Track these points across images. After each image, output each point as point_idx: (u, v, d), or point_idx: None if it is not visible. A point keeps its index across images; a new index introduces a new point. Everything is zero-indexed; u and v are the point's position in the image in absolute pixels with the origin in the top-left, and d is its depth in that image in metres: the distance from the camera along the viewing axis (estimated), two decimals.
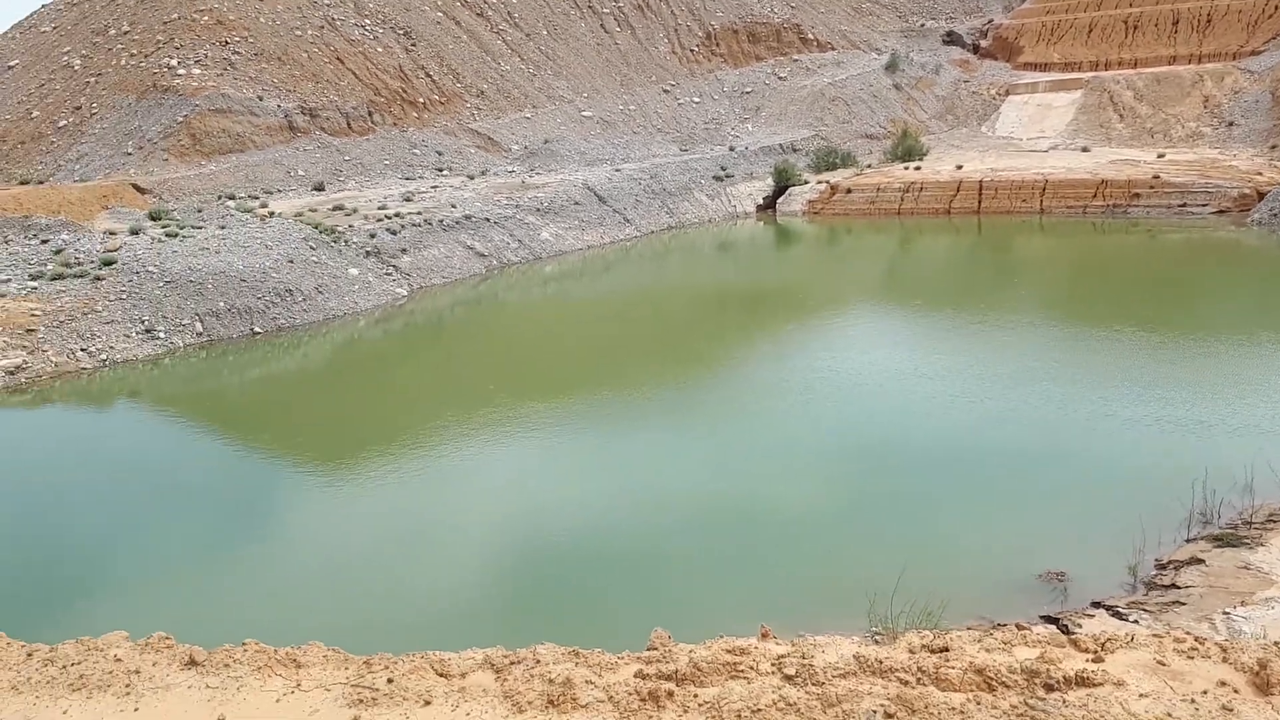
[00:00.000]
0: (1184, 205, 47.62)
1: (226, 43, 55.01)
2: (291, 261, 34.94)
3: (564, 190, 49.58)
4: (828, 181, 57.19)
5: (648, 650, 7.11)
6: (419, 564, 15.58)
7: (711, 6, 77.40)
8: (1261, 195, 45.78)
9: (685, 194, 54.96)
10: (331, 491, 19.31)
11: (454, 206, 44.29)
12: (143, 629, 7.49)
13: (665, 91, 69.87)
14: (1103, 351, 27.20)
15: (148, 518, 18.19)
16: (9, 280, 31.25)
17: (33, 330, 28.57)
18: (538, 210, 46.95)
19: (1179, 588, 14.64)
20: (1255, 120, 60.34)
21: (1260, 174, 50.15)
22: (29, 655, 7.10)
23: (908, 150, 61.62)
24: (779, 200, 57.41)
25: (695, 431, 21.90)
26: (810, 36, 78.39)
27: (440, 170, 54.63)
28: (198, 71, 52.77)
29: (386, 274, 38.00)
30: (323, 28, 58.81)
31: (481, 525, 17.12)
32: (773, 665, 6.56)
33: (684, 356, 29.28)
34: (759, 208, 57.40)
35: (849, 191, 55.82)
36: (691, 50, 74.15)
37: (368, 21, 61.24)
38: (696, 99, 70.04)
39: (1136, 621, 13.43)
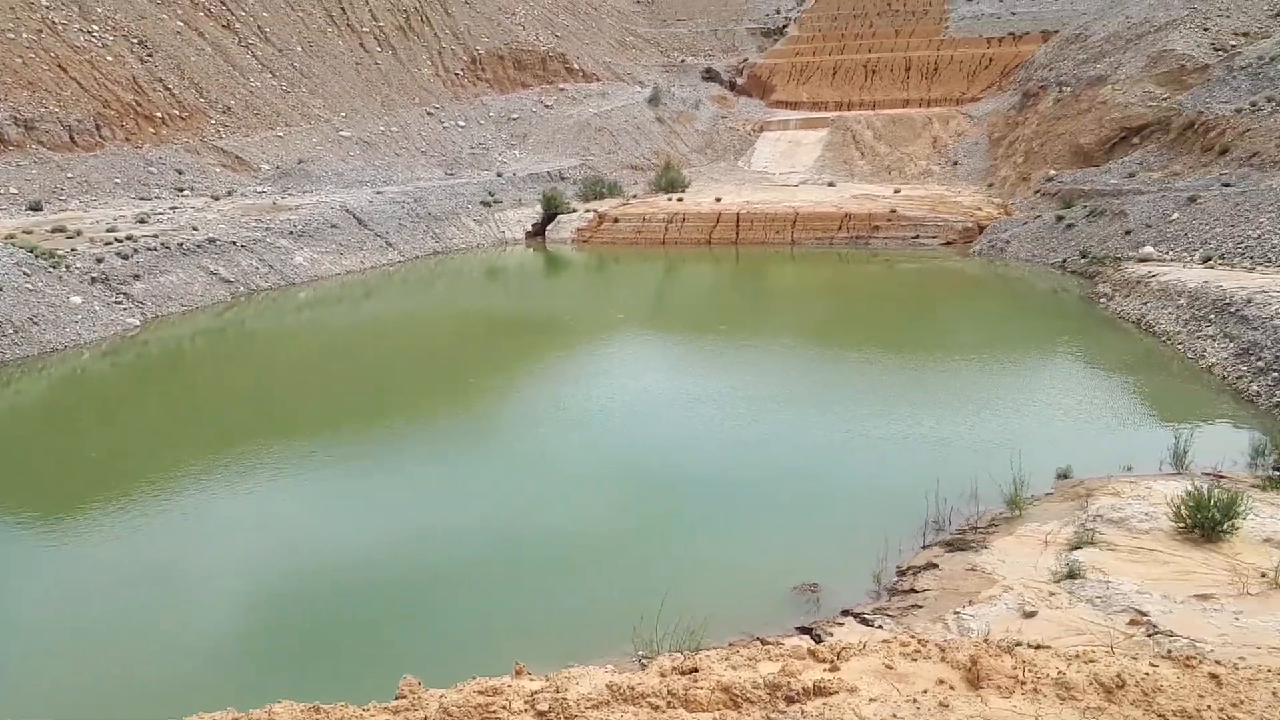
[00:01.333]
0: (917, 237, 52.01)
1: None
2: (0, 289, 31.02)
3: (320, 212, 47.25)
4: (595, 210, 57.99)
5: (396, 699, 6.65)
6: (138, 626, 13.95)
7: (476, 31, 76.92)
8: (982, 229, 50.80)
9: (452, 219, 53.92)
10: (51, 547, 17.05)
11: (196, 229, 41.06)
12: None
13: (429, 114, 68.47)
14: (850, 373, 29.00)
15: None
16: None
17: None
18: (291, 233, 44.42)
19: (917, 591, 15.58)
20: (975, 160, 67.09)
21: (980, 209, 55.72)
22: None
23: (670, 182, 63.76)
24: (548, 227, 57.57)
25: (458, 464, 21.21)
26: (576, 67, 79.57)
27: (181, 190, 50.60)
28: None
29: (116, 302, 34.54)
30: (41, 31, 53.15)
31: (222, 575, 15.65)
32: (525, 703, 6.24)
33: (449, 386, 28.43)
34: (528, 234, 57.29)
35: (616, 221, 56.85)
36: (456, 74, 73.23)
37: (95, 28, 55.99)
38: (462, 123, 69.15)
39: (880, 626, 14.12)
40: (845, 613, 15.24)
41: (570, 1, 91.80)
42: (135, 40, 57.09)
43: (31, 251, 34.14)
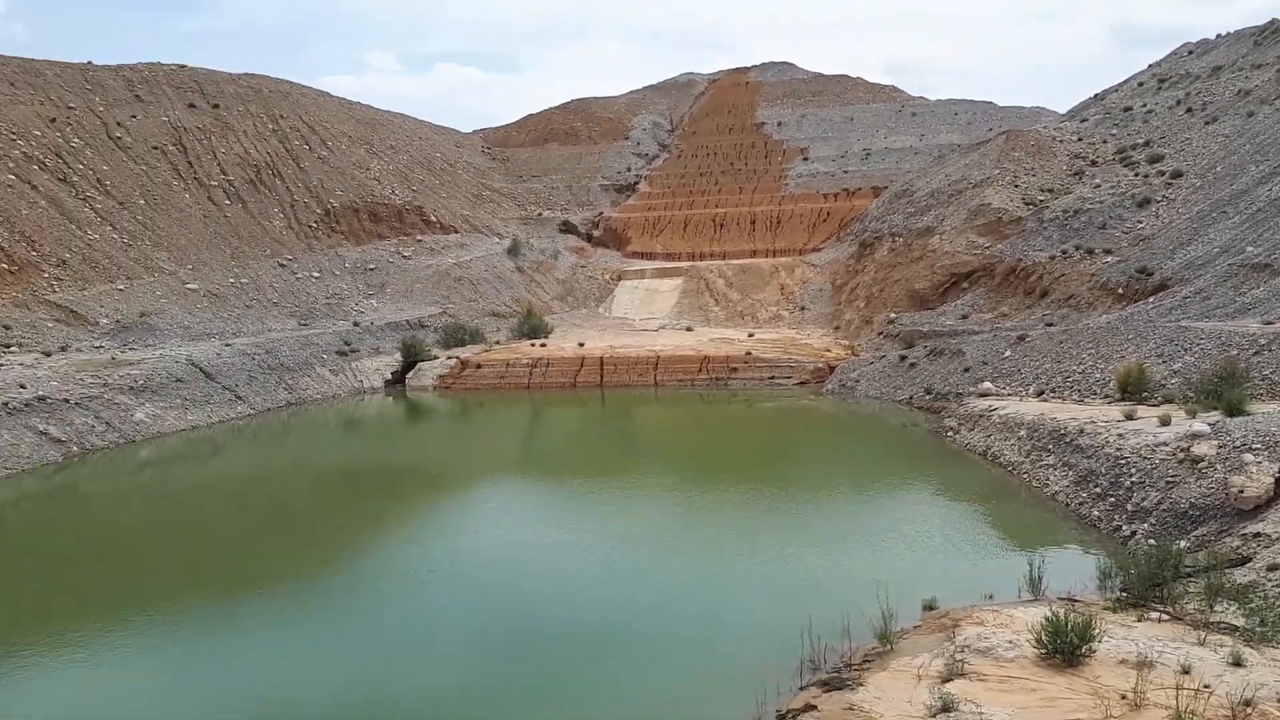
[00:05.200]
0: (773, 378, 53.80)
1: None
2: None
3: (163, 366, 45.06)
4: (458, 357, 57.64)
5: None
6: None
7: (330, 185, 77.07)
8: (832, 368, 53.08)
9: (306, 369, 52.39)
10: None
11: (24, 387, 38.35)
12: None
13: (281, 265, 67.31)
14: (718, 511, 29.10)
15: None
16: None
17: None
18: (131, 389, 42.04)
19: None
20: (821, 305, 70.68)
21: (829, 350, 58.36)
22: None
23: (533, 328, 64.37)
24: (409, 375, 56.70)
25: (311, 631, 19.79)
26: (434, 219, 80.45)
27: (8, 346, 47.42)
28: None
29: None
30: None
31: None
32: None
33: (306, 547, 26.81)
34: (388, 382, 56.21)
35: (479, 367, 56.58)
36: (310, 226, 72.71)
37: None
38: (316, 274, 68.22)
39: None
40: None
41: (426, 158, 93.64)
42: None
43: None
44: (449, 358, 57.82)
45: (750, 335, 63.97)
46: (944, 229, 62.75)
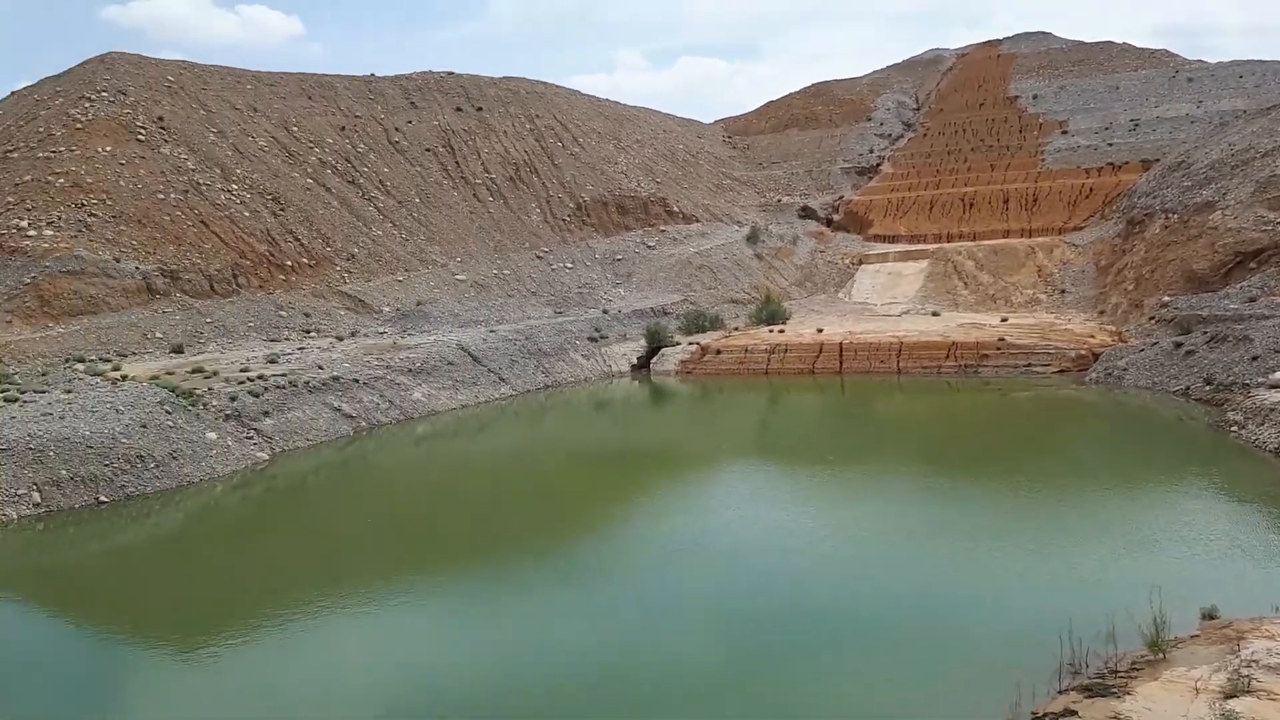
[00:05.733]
0: (1029, 365, 50.98)
1: (83, 205, 53.61)
2: (144, 426, 33.11)
3: (437, 350, 49.31)
4: (698, 343, 58.93)
5: None
6: None
7: (581, 180, 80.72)
8: (1096, 356, 49.52)
9: (560, 354, 55.50)
10: (184, 672, 17.68)
11: (321, 368, 43.29)
12: None
13: (539, 257, 71.54)
14: (970, 505, 28.20)
15: None
16: None
17: None
18: (409, 370, 46.37)
19: None
20: (1083, 288, 66.00)
21: (1093, 336, 54.47)
22: None
23: (771, 314, 64.54)
24: (653, 360, 58.61)
25: (569, 597, 21.26)
26: (676, 210, 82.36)
27: (308, 332, 53.64)
28: (50, 233, 51.02)
29: (247, 437, 36.39)
30: (187, 192, 58.19)
31: (343, 709, 15.90)
32: None
33: (564, 517, 28.73)
34: (633, 367, 58.40)
35: (719, 352, 57.56)
36: (563, 219, 76.68)
37: (235, 187, 61.01)
38: (569, 264, 71.90)
39: None
40: None
41: (669, 150, 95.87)
42: (269, 197, 61.87)
43: (173, 391, 36.47)
44: (690, 343, 59.21)
45: (1003, 320, 60.82)
46: (1227, 203, 56.72)
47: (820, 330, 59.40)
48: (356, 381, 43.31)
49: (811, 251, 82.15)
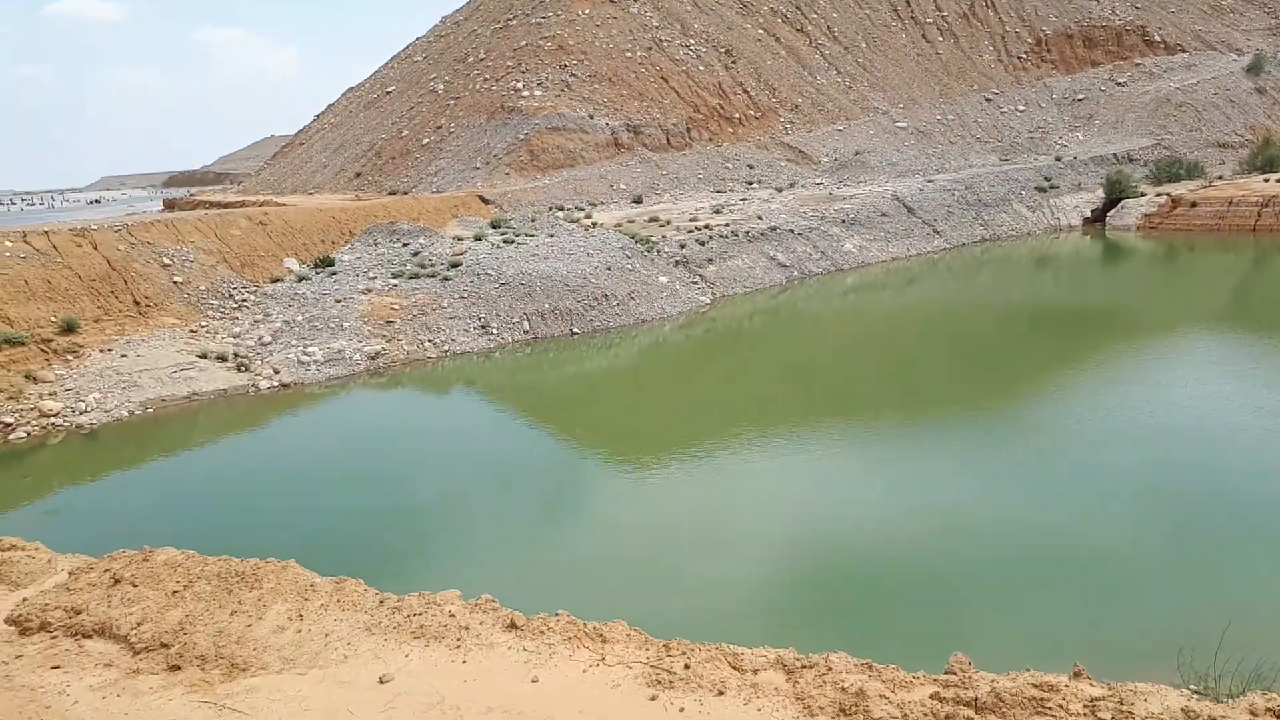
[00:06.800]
0: None
1: (565, 66, 59.62)
2: (609, 269, 37.30)
3: (871, 202, 48.89)
4: (1168, 194, 51.96)
5: (945, 674, 6.85)
6: (713, 561, 16.18)
7: (1044, 11, 72.82)
8: None
9: (1002, 205, 52.20)
10: (633, 484, 20.49)
11: (760, 218, 45.12)
12: (471, 590, 8.32)
13: (987, 100, 66.69)
14: None
15: (477, 492, 20.33)
16: (375, 278, 36.00)
17: (391, 322, 32.77)
18: (843, 222, 46.66)
19: None
20: None
21: None
22: (380, 602, 8.11)
23: (1269, 160, 54.53)
24: (1109, 214, 53.01)
25: (1003, 459, 20.91)
26: (1157, 38, 71.47)
27: (750, 183, 55.82)
28: (539, 93, 57.63)
29: (693, 282, 39.49)
30: (650, 49, 62.06)
31: (775, 531, 17.44)
32: (1085, 707, 6.10)
33: (990, 377, 27.93)
34: (1086, 221, 53.33)
35: (1194, 205, 50.35)
36: (1019, 57, 70.21)
37: (692, 42, 63.83)
38: (1021, 107, 66.20)
39: None
40: None
41: None
42: (722, 50, 63.99)
43: (633, 238, 40.45)
44: (1158, 195, 52.39)
45: None
46: None
47: None
48: (792, 232, 44.61)
49: None
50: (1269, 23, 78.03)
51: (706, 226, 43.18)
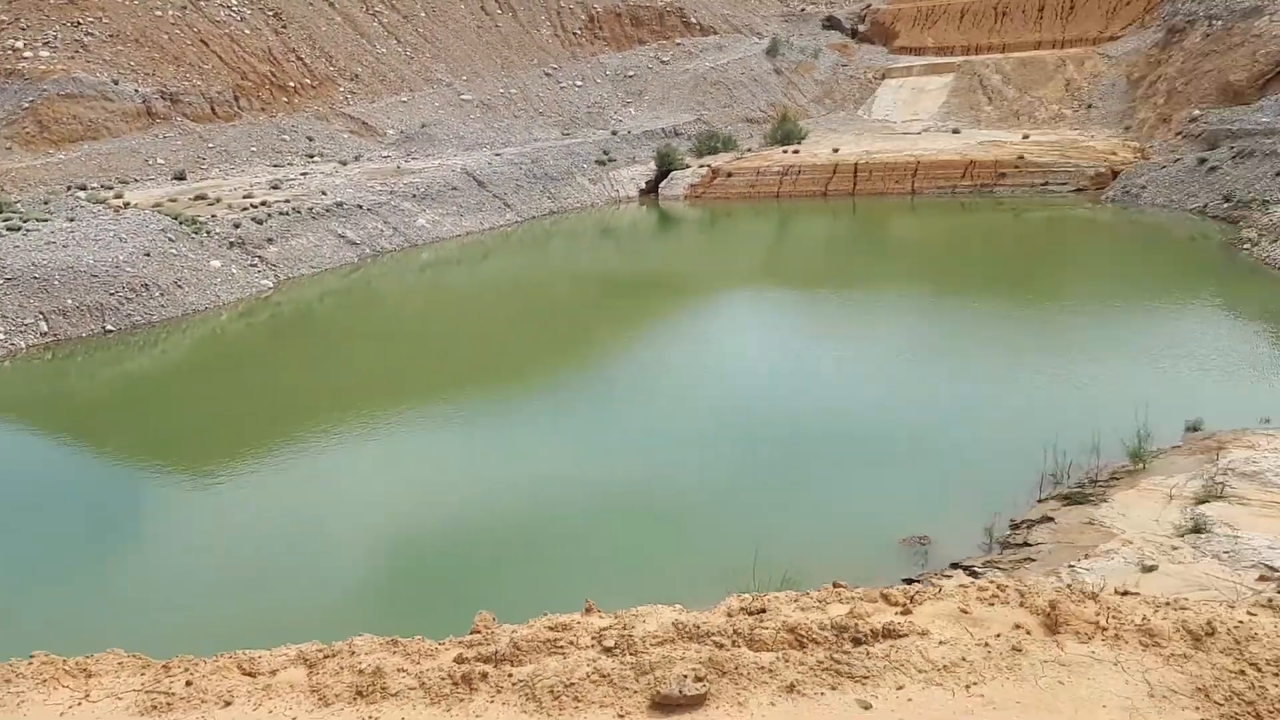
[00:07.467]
0: (1045, 184, 49.58)
1: (79, 23, 51.85)
2: (148, 255, 33.14)
3: (442, 175, 48.49)
4: (709, 165, 57.51)
5: (471, 634, 6.79)
6: (270, 564, 14.94)
7: None
8: (1116, 174, 47.99)
9: (567, 178, 54.43)
10: (185, 495, 18.39)
11: (325, 194, 42.80)
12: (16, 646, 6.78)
13: (547, 74, 69.08)
14: (974, 325, 28.10)
15: None
16: None
17: None
18: (414, 196, 45.78)
19: (1030, 545, 15.12)
20: (1111, 103, 63.23)
21: (1115, 154, 52.61)
22: None
23: (786, 134, 62.47)
24: (661, 185, 57.43)
25: (567, 419, 21.63)
26: (693, 20, 78.62)
27: (311, 157, 52.75)
28: (45, 54, 49.60)
29: (251, 265, 36.43)
30: (185, 8, 55.98)
31: (329, 519, 16.55)
32: (593, 639, 6.35)
33: (565, 345, 28.91)
34: (641, 192, 57.32)
35: (730, 175, 56.25)
36: (574, 33, 73.48)
37: (234, 2, 58.60)
38: (579, 82, 69.48)
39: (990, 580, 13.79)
40: (954, 566, 14.94)
41: None
42: (271, 13, 59.49)
43: (176, 219, 36.31)
44: (700, 166, 57.79)
45: (1025, 137, 58.71)
46: (1276, 8, 53.36)
47: (836, 150, 57.67)
48: (360, 208, 42.87)
49: (833, 66, 78.73)
50: (782, 9, 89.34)
51: (264, 204, 40.02)
